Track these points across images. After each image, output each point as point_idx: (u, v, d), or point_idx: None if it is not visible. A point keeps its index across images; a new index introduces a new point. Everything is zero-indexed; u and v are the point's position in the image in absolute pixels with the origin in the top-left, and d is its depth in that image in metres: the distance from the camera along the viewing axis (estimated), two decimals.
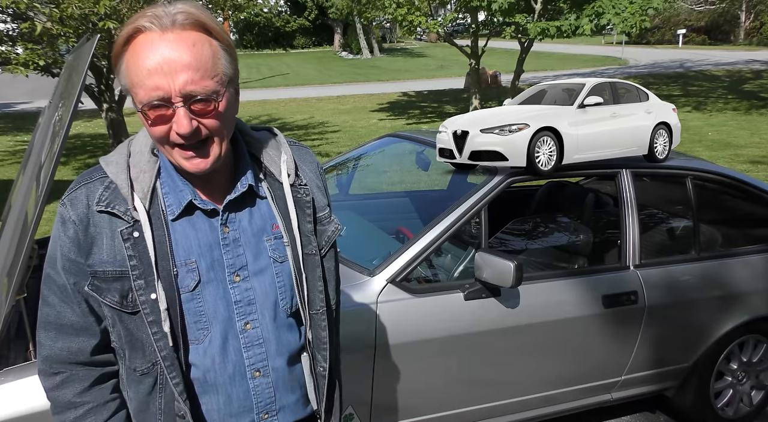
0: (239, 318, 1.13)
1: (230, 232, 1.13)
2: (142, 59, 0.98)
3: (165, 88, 0.98)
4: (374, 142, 3.73)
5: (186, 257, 1.10)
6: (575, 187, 3.56)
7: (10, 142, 11.06)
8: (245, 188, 1.14)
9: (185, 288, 1.10)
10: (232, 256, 1.13)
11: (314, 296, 1.20)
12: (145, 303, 1.08)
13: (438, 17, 13.08)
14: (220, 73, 1.02)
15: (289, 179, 1.19)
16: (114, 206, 1.07)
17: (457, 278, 2.55)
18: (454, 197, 2.54)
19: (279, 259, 1.16)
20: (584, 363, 2.69)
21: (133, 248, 1.07)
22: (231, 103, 1.07)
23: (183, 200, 1.11)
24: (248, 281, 1.14)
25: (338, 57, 32.49)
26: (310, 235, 1.20)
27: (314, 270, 1.20)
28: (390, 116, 13.84)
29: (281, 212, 1.17)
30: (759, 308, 2.91)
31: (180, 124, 1.00)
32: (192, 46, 0.99)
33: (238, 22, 34.02)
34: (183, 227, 1.11)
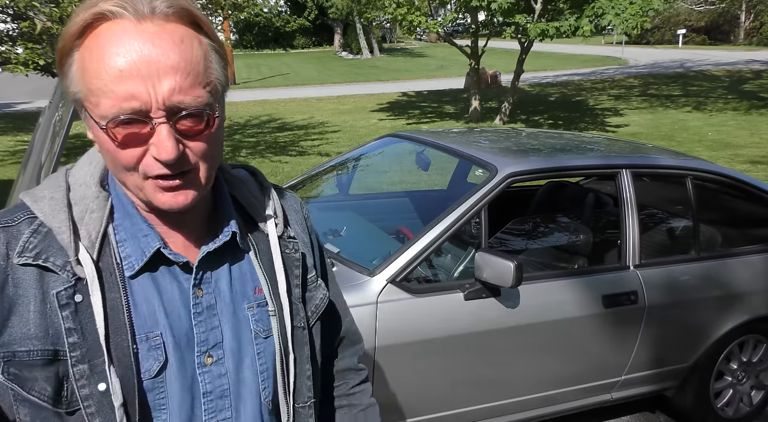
0: (208, 415, 0.84)
1: (204, 296, 0.84)
2: (110, 56, 0.70)
3: (143, 98, 0.71)
4: (374, 142, 3.73)
5: (148, 328, 0.80)
6: (575, 187, 3.56)
7: (10, 142, 11.06)
8: (228, 237, 0.85)
9: (147, 373, 0.79)
10: (205, 329, 0.83)
11: (301, 384, 0.92)
12: (89, 398, 0.76)
13: (438, 17, 13.08)
14: (213, 80, 0.76)
15: (277, 229, 0.92)
16: (47, 257, 0.76)
17: (457, 278, 2.55)
18: (454, 197, 2.55)
19: (263, 334, 0.88)
20: (584, 363, 2.69)
21: (73, 317, 0.76)
22: (222, 120, 0.81)
23: (147, 249, 0.80)
24: (222, 364, 0.84)
25: (338, 57, 32.49)
26: (299, 303, 0.93)
27: (303, 348, 0.92)
28: (390, 116, 13.84)
29: (266, 271, 0.89)
30: (759, 308, 2.91)
31: (163, 147, 0.72)
32: (180, 42, 0.73)
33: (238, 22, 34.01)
34: (143, 286, 0.81)
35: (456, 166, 3.65)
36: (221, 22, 16.93)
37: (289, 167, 8.55)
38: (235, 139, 11.17)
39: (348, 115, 14.07)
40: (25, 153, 2.91)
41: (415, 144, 3.45)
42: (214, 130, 0.77)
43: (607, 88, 18.14)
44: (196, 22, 0.76)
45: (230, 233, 0.86)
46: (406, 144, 3.54)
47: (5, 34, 7.64)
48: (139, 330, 0.79)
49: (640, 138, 9.86)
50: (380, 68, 26.34)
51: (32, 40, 7.16)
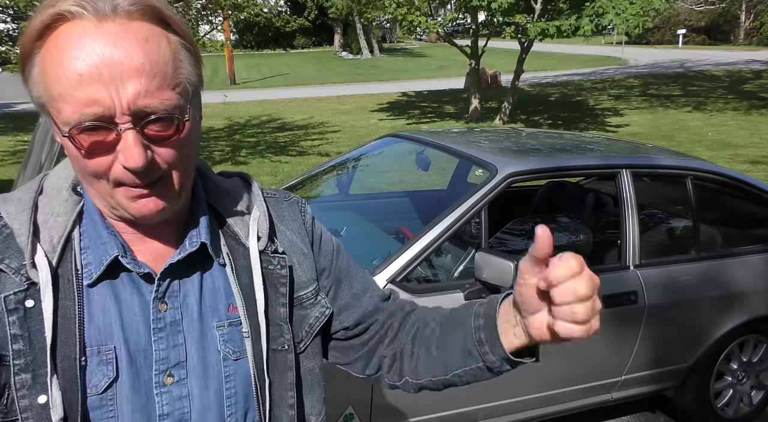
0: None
1: (168, 311, 0.78)
2: (69, 60, 0.66)
3: (105, 103, 0.66)
4: (374, 142, 3.73)
5: (101, 341, 0.74)
6: (575, 187, 3.56)
7: (10, 142, 11.06)
8: (195, 247, 0.79)
9: (93, 389, 0.74)
10: (166, 346, 0.77)
11: (281, 413, 0.84)
12: (28, 410, 0.71)
13: (438, 17, 13.08)
14: (182, 81, 0.72)
15: (258, 243, 0.85)
16: (2, 258, 0.73)
17: (457, 278, 2.55)
18: (454, 197, 2.55)
19: (232, 355, 0.81)
20: (584, 363, 2.69)
21: (20, 324, 0.71)
22: (195, 124, 0.76)
23: (105, 257, 0.76)
24: (184, 385, 0.78)
25: (338, 57, 32.49)
26: (283, 324, 0.85)
27: (284, 374, 0.84)
28: (390, 116, 13.85)
29: (242, 288, 0.82)
30: (759, 308, 2.91)
31: (129, 154, 0.68)
32: (144, 41, 0.68)
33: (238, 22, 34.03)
34: (101, 295, 0.76)
35: (456, 166, 3.65)
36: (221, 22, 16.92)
37: (289, 167, 8.55)
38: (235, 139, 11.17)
39: (348, 115, 14.07)
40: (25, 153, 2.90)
41: (415, 144, 3.45)
42: (185, 134, 0.72)
43: (607, 88, 18.14)
44: (164, 20, 0.71)
45: (198, 243, 0.79)
46: (406, 144, 3.54)
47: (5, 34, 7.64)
48: (90, 342, 0.74)
49: (640, 138, 9.87)
50: (380, 68, 26.34)
51: None
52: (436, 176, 3.74)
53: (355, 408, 2.28)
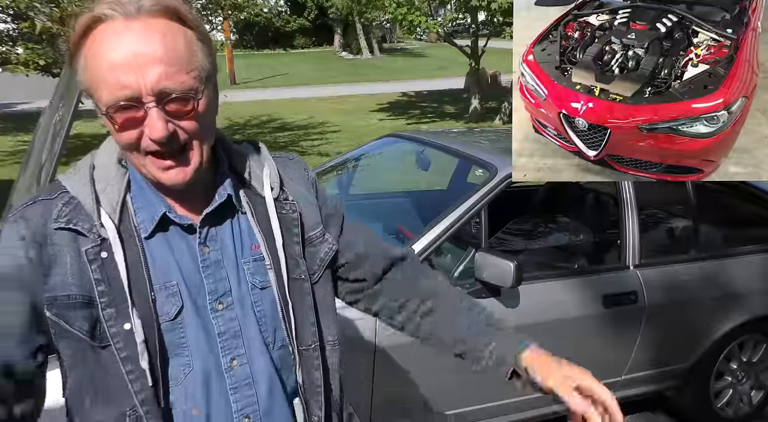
0: (224, 353, 0.96)
1: (211, 253, 0.97)
2: (105, 53, 0.84)
3: (133, 86, 0.83)
4: (374, 142, 3.73)
5: (165, 279, 0.94)
6: (575, 187, 3.56)
7: (10, 142, 11.06)
8: (224, 198, 0.98)
9: (165, 316, 0.93)
10: (214, 281, 0.96)
11: (305, 330, 1.02)
12: (117, 336, 0.90)
13: (438, 17, 13.09)
14: (197, 67, 0.88)
15: (272, 192, 1.03)
16: (76, 222, 0.91)
17: (457, 278, 2.55)
18: (454, 197, 2.55)
19: (259, 285, 0.99)
20: (584, 363, 2.67)
21: (100, 270, 0.90)
22: (211, 102, 0.92)
23: (156, 215, 0.95)
24: (233, 309, 0.97)
25: (338, 57, 32.48)
26: (298, 258, 1.03)
27: (303, 298, 1.02)
28: (390, 116, 13.84)
29: (263, 230, 1.00)
30: (759, 308, 2.91)
31: (154, 127, 0.85)
32: (163, 35, 0.85)
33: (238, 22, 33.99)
34: (158, 245, 0.95)
35: (456, 166, 3.65)
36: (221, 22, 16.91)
37: None
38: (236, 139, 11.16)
39: (348, 115, 14.06)
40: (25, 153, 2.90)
41: (415, 144, 3.45)
42: (201, 110, 0.89)
43: None
44: (179, 16, 0.88)
45: (226, 194, 0.98)
46: (406, 144, 3.54)
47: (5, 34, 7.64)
48: (156, 281, 0.93)
49: None
50: (380, 68, 26.33)
51: (32, 40, 7.16)
52: (436, 176, 3.73)
53: (355, 408, 2.28)
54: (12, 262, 0.90)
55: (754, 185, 3.13)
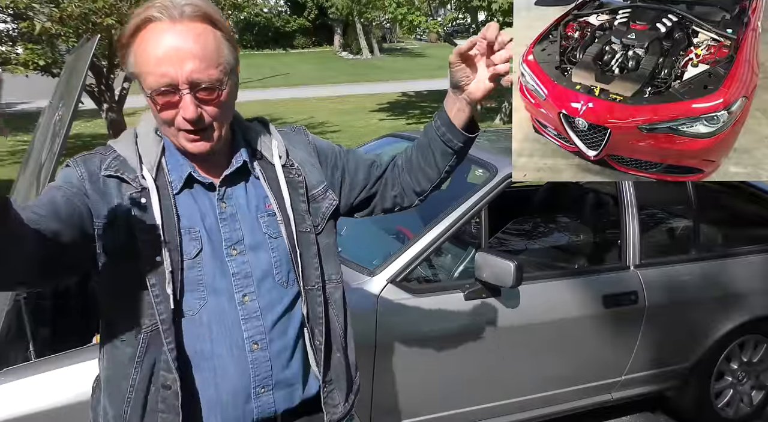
0: (237, 290, 1.16)
1: (227, 207, 1.18)
2: (152, 47, 1.05)
3: (173, 76, 1.04)
4: (374, 142, 3.73)
5: (189, 225, 1.14)
6: (575, 187, 3.56)
7: (10, 142, 11.05)
8: (240, 163, 1.19)
9: (187, 255, 1.13)
10: (230, 230, 1.17)
11: (309, 273, 1.23)
12: (149, 265, 1.10)
13: (438, 17, 13.08)
14: (223, 62, 1.09)
15: (280, 160, 1.24)
16: (123, 172, 1.12)
17: (457, 278, 2.55)
18: (454, 197, 2.55)
19: (273, 235, 1.20)
20: (584, 363, 2.69)
21: (140, 212, 1.10)
22: (232, 91, 1.14)
23: (183, 174, 1.16)
24: (245, 254, 1.17)
25: (338, 57, 32.46)
26: (304, 214, 1.24)
27: (309, 247, 1.23)
28: (390, 116, 13.84)
29: (274, 191, 1.21)
30: (759, 308, 2.91)
31: (187, 109, 1.07)
32: (198, 36, 1.06)
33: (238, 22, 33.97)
34: (185, 198, 1.16)
35: None
36: None
37: None
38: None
39: (348, 115, 14.06)
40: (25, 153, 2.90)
41: None
42: (224, 99, 1.11)
43: None
44: (212, 20, 1.09)
45: (242, 160, 1.19)
46: (406, 144, 3.53)
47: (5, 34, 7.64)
48: (183, 226, 1.13)
49: None
50: (380, 68, 26.32)
51: (32, 40, 7.17)
52: None
53: (355, 408, 2.28)
54: (73, 183, 1.11)
55: (754, 185, 3.12)
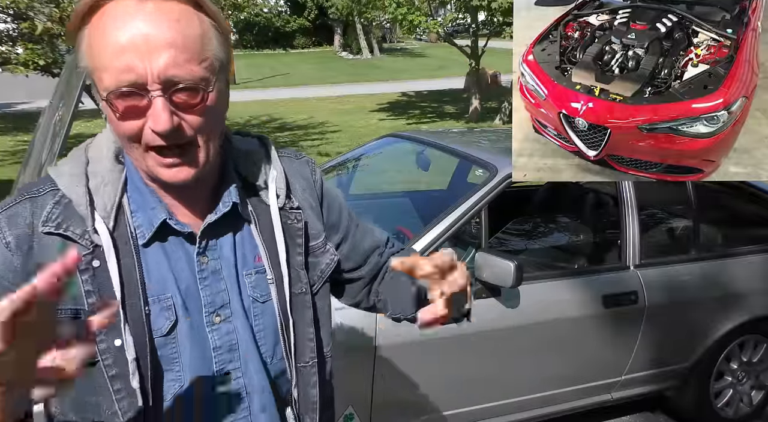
0: (219, 366, 0.91)
1: (209, 263, 0.90)
2: (111, 33, 0.76)
3: (139, 71, 0.75)
4: (374, 142, 3.73)
5: (160, 291, 0.87)
6: (575, 187, 3.56)
7: (10, 142, 11.06)
8: (228, 207, 0.90)
9: (158, 331, 0.87)
10: (211, 293, 0.90)
11: (303, 346, 0.97)
12: (106, 352, 0.83)
13: (438, 17, 13.09)
14: (210, 56, 0.80)
15: (278, 201, 0.96)
16: (67, 226, 0.83)
17: None
18: (454, 197, 2.55)
19: (260, 299, 0.94)
20: (584, 363, 2.69)
21: (91, 281, 0.83)
22: (222, 96, 0.84)
23: (155, 221, 0.87)
24: (230, 322, 0.91)
25: (338, 57, 32.47)
26: (300, 270, 0.97)
27: (304, 313, 0.97)
28: (390, 116, 13.84)
29: (266, 241, 0.94)
30: (759, 308, 2.91)
31: (158, 118, 0.76)
32: (177, 20, 0.77)
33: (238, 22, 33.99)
34: (155, 254, 0.88)
35: (456, 166, 3.65)
36: None
37: None
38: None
39: (348, 115, 14.06)
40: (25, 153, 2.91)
41: (415, 144, 3.45)
42: (210, 104, 0.81)
43: None
44: (197, 2, 0.80)
45: (231, 203, 0.90)
46: (406, 144, 3.54)
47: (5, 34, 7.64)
48: (151, 293, 0.87)
49: None
50: (380, 68, 26.33)
51: (32, 40, 7.16)
52: (436, 176, 3.73)
53: (355, 408, 2.28)
54: None
55: (754, 185, 3.13)
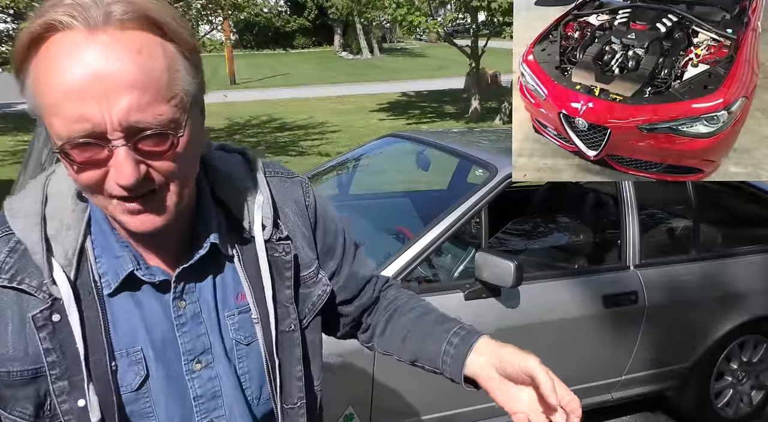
0: (201, 416, 0.83)
1: (187, 307, 0.81)
2: (59, 73, 0.64)
3: (95, 119, 0.64)
4: (374, 142, 3.73)
5: (129, 344, 0.78)
6: (575, 187, 3.56)
7: (11, 142, 11.06)
8: (206, 250, 0.80)
9: (127, 387, 0.78)
10: (191, 338, 0.81)
11: (290, 386, 0.89)
12: (69, 413, 0.75)
13: (438, 17, 13.09)
14: (179, 92, 0.68)
15: (264, 232, 0.85)
16: (22, 279, 0.74)
17: (457, 278, 2.55)
18: (454, 197, 2.55)
19: (244, 340, 0.85)
20: (584, 363, 2.69)
21: (51, 338, 0.73)
22: (195, 134, 0.72)
23: (121, 272, 0.77)
24: (212, 368, 0.83)
25: (338, 57, 32.49)
26: (289, 305, 0.88)
27: (292, 352, 0.88)
28: (390, 116, 13.85)
29: (250, 277, 0.84)
30: (759, 308, 2.91)
31: (121, 171, 0.66)
32: (137, 53, 0.65)
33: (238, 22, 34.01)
34: (123, 303, 0.78)
35: (456, 166, 3.65)
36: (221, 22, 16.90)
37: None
38: (235, 139, 11.17)
39: (348, 115, 14.06)
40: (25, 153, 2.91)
41: (415, 144, 3.45)
42: (182, 149, 0.70)
43: None
44: (158, 26, 0.67)
45: (208, 246, 0.80)
46: (406, 144, 3.54)
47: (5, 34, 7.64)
48: (119, 347, 0.77)
49: None
50: (380, 68, 26.33)
51: None
52: (436, 176, 3.73)
53: (355, 408, 2.28)
54: None
55: (754, 185, 3.13)
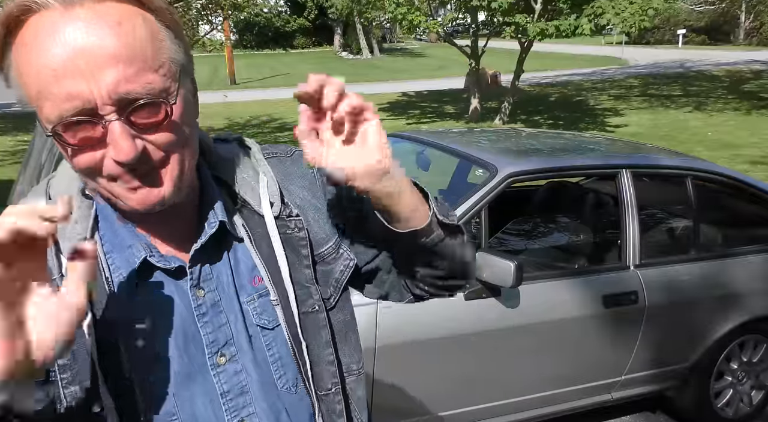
0: (230, 415, 0.77)
1: (206, 295, 0.77)
2: (40, 54, 0.62)
3: (84, 95, 0.62)
4: None
5: (146, 341, 0.74)
6: (575, 187, 3.56)
7: (11, 142, 11.06)
8: (215, 228, 0.77)
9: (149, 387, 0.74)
10: (213, 329, 0.77)
11: (322, 371, 0.83)
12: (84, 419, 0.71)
13: (438, 17, 13.08)
14: (166, 60, 0.67)
15: (272, 209, 0.82)
16: None
17: None
18: (454, 197, 2.55)
19: (269, 325, 0.81)
20: (584, 363, 2.69)
21: None
22: (189, 104, 0.71)
23: (134, 260, 0.74)
24: (237, 361, 0.78)
25: (338, 57, 32.49)
26: (310, 285, 0.83)
27: (318, 334, 0.83)
28: (390, 116, 13.84)
29: (264, 258, 0.80)
30: (759, 308, 2.91)
31: (119, 147, 0.64)
32: (117, 25, 0.63)
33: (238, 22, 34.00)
34: (139, 297, 0.75)
35: (456, 166, 3.65)
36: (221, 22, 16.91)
37: None
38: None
39: None
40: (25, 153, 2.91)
41: (415, 144, 3.45)
42: (177, 116, 0.68)
43: (607, 89, 18.13)
44: None
45: (217, 223, 0.77)
46: (406, 144, 3.54)
47: None
48: (135, 344, 0.73)
49: (640, 138, 9.86)
50: (380, 68, 26.33)
51: None
52: (436, 176, 3.73)
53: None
54: None
55: (754, 185, 3.12)
